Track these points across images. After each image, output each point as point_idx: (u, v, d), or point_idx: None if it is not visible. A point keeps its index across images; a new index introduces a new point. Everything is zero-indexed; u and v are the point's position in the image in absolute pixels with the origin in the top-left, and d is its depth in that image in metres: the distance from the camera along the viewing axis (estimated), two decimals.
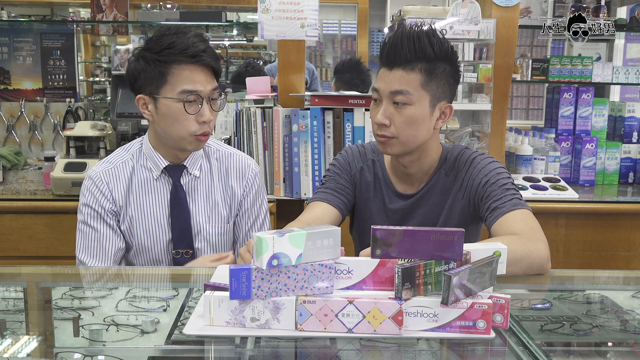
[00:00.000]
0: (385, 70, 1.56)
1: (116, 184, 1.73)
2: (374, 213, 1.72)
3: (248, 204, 1.82)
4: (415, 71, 1.52)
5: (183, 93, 1.60)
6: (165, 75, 1.60)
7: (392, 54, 1.53)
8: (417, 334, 1.10)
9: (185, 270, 1.68)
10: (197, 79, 1.62)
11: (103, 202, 1.71)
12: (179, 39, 1.60)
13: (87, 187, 1.73)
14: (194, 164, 1.77)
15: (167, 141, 1.69)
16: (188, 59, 1.60)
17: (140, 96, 1.66)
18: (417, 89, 1.53)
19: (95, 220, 1.71)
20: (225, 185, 1.80)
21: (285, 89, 2.69)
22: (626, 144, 3.03)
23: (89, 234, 1.72)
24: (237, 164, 1.82)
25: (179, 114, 1.62)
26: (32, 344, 1.16)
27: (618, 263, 2.65)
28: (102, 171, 1.73)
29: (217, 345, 1.12)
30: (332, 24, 7.36)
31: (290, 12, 2.58)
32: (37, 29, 3.27)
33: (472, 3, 2.74)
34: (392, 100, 1.54)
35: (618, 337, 1.24)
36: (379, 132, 1.58)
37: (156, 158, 1.73)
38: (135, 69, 1.64)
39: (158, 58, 1.60)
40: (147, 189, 1.74)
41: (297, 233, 1.09)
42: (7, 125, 3.14)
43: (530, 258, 1.41)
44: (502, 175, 1.60)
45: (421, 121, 1.55)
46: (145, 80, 1.63)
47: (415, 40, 1.51)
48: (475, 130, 2.95)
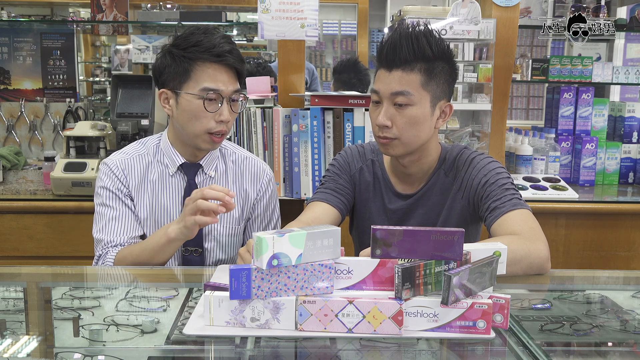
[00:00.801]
0: (384, 71, 1.55)
1: (130, 173, 1.74)
2: (373, 213, 1.72)
3: (261, 209, 1.84)
4: (415, 71, 1.52)
5: (204, 90, 1.63)
6: (189, 71, 1.63)
7: (392, 55, 1.52)
8: (417, 334, 1.10)
9: (185, 270, 1.69)
10: (220, 78, 1.64)
11: (119, 185, 1.73)
12: (206, 38, 1.64)
13: (103, 171, 1.75)
14: (210, 164, 1.78)
15: (184, 138, 1.71)
16: (213, 57, 1.63)
17: (163, 90, 1.69)
18: (417, 89, 1.52)
19: (113, 200, 1.72)
20: (239, 187, 1.81)
21: (285, 89, 2.69)
22: (626, 144, 3.03)
23: (107, 213, 1.72)
24: (252, 168, 1.84)
25: (198, 110, 1.64)
26: (32, 344, 1.16)
27: (618, 263, 2.65)
28: (118, 159, 1.76)
29: (217, 345, 1.12)
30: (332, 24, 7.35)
31: (290, 12, 2.58)
32: (37, 29, 3.27)
33: (472, 3, 2.74)
34: (393, 102, 1.54)
35: (618, 337, 1.24)
36: (380, 134, 1.57)
37: (173, 155, 1.75)
38: (162, 63, 1.68)
39: (184, 54, 1.64)
40: (162, 185, 1.75)
41: (297, 233, 1.09)
42: (7, 125, 3.14)
43: (530, 258, 1.41)
44: (502, 175, 1.60)
45: (423, 121, 1.55)
46: (170, 75, 1.66)
47: (413, 41, 1.51)
48: (475, 130, 2.95)
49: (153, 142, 1.80)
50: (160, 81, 1.69)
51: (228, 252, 1.80)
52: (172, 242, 1.56)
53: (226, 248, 1.79)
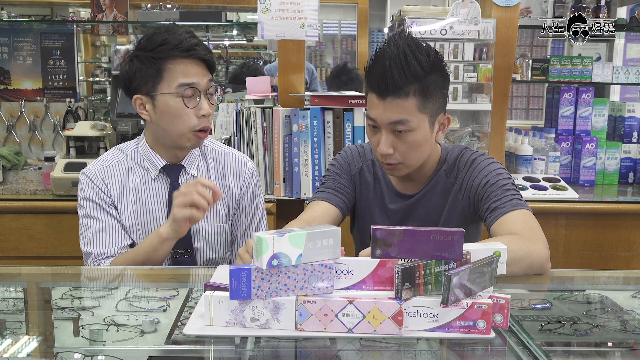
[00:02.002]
0: (376, 98, 1.49)
1: (110, 181, 1.73)
2: (374, 213, 1.72)
3: (245, 203, 1.83)
4: (410, 96, 1.46)
5: (180, 87, 1.61)
6: (161, 71, 1.62)
7: (384, 84, 1.46)
8: (417, 334, 1.10)
9: (185, 270, 1.69)
10: (193, 72, 1.63)
11: (101, 195, 1.72)
12: (171, 36, 1.62)
13: (83, 182, 1.74)
14: (192, 163, 1.77)
15: (166, 140, 1.69)
16: (182, 53, 1.62)
17: (137, 96, 1.66)
18: (415, 115, 1.48)
19: (97, 211, 1.71)
20: (222, 184, 1.80)
21: (285, 89, 2.69)
22: (626, 144, 3.03)
23: (93, 225, 1.71)
24: (234, 163, 1.83)
25: (178, 109, 1.62)
26: (32, 344, 1.16)
27: (618, 263, 2.65)
28: (96, 169, 1.74)
29: (217, 345, 1.12)
30: (332, 24, 7.35)
31: (290, 12, 2.58)
32: (37, 29, 3.27)
33: (472, 3, 2.74)
34: (392, 130, 1.50)
35: (618, 337, 1.24)
36: (384, 161, 1.55)
37: (154, 158, 1.73)
38: (130, 69, 1.65)
39: (153, 55, 1.61)
40: (145, 189, 1.74)
41: (297, 233, 1.09)
42: (7, 125, 3.14)
43: (530, 258, 1.41)
44: (502, 176, 1.60)
45: (424, 142, 1.54)
46: (141, 80, 1.64)
47: (404, 65, 1.44)
48: (475, 130, 2.95)
49: (130, 147, 1.77)
50: (132, 88, 1.66)
51: (218, 251, 1.80)
52: (165, 242, 1.56)
53: (215, 246, 1.79)
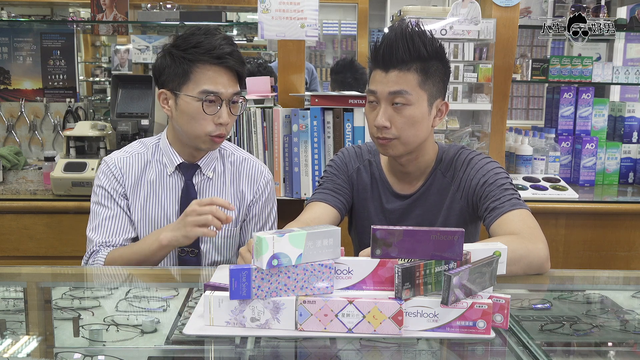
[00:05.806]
0: (380, 72, 1.55)
1: (127, 171, 1.75)
2: (371, 213, 1.72)
3: (257, 210, 1.83)
4: (412, 71, 1.53)
5: (203, 93, 1.62)
6: (189, 73, 1.62)
7: (388, 55, 1.53)
8: (417, 334, 1.10)
9: (185, 270, 1.69)
10: (220, 80, 1.63)
11: (115, 185, 1.74)
12: (206, 39, 1.62)
13: (101, 170, 1.76)
14: (209, 165, 1.78)
15: (183, 138, 1.71)
16: (212, 59, 1.62)
17: (163, 91, 1.68)
18: (415, 89, 1.53)
19: (108, 200, 1.73)
20: (236, 189, 1.81)
21: (285, 89, 2.69)
22: (626, 144, 3.03)
23: (101, 212, 1.73)
24: (251, 170, 1.83)
25: (196, 112, 1.63)
26: (32, 344, 1.16)
27: (618, 263, 2.65)
28: (117, 157, 1.77)
29: (217, 345, 1.12)
30: (332, 24, 7.35)
31: (290, 12, 2.58)
32: (37, 29, 3.27)
33: (472, 3, 2.74)
34: (391, 102, 1.54)
35: (618, 337, 1.24)
36: (379, 135, 1.57)
37: (172, 154, 1.75)
38: (162, 64, 1.67)
39: (184, 56, 1.62)
40: (160, 184, 1.75)
41: (297, 233, 1.09)
42: (7, 125, 3.14)
43: (530, 258, 1.41)
44: (500, 175, 1.60)
45: (421, 120, 1.55)
46: (169, 76, 1.65)
47: (409, 41, 1.52)
48: (475, 130, 2.95)
49: (152, 142, 1.80)
50: (160, 81, 1.69)
51: (224, 254, 1.80)
52: (164, 249, 1.57)
53: (222, 250, 1.79)
